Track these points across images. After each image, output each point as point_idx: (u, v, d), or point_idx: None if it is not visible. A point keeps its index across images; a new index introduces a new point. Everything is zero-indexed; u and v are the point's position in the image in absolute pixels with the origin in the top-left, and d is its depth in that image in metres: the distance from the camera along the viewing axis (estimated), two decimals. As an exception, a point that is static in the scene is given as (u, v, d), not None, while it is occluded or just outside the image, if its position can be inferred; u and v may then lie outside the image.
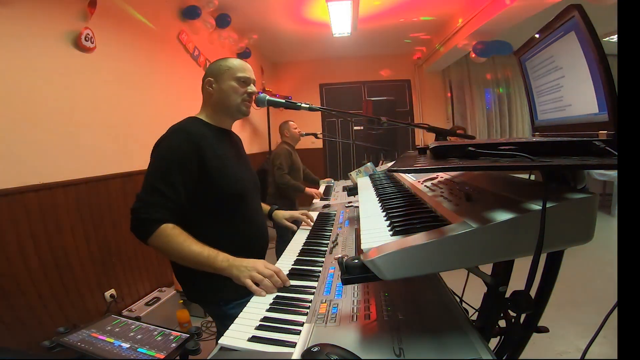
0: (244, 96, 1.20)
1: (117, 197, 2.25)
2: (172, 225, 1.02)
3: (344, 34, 4.43)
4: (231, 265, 0.98)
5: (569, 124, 0.73)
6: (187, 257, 1.00)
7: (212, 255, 1.00)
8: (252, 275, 0.93)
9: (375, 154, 3.14)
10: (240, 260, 0.99)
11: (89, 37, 2.05)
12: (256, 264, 0.96)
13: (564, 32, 0.66)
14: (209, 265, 0.99)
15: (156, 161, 1.08)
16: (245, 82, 1.20)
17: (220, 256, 1.00)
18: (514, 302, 0.65)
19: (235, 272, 0.96)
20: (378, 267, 0.54)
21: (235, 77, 1.18)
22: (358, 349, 0.58)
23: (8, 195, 1.60)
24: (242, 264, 0.97)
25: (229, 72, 1.18)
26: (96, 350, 1.11)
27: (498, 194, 0.64)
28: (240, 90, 1.19)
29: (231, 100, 1.19)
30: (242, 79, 1.19)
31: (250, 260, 0.99)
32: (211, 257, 0.99)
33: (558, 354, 1.90)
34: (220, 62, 1.22)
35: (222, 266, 0.98)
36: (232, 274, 0.97)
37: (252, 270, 0.94)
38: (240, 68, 1.20)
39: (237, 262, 0.99)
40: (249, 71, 1.22)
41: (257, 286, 0.90)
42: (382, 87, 6.13)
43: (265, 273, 0.92)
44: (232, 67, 1.19)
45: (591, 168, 0.51)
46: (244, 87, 1.20)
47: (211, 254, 1.00)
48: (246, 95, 1.20)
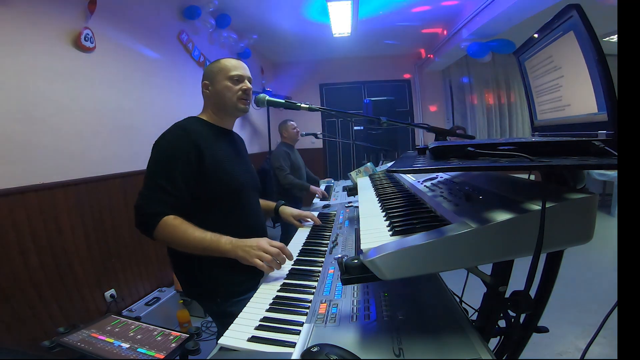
0: (238, 94, 1.21)
1: (117, 197, 2.25)
2: (173, 217, 1.04)
3: (344, 34, 4.43)
4: (235, 247, 1.00)
5: (568, 123, 0.73)
6: (192, 243, 1.02)
7: (214, 239, 1.02)
8: (260, 255, 0.96)
9: (375, 154, 3.14)
10: (243, 240, 1.01)
11: (89, 37, 2.05)
12: (260, 242, 0.99)
13: (562, 32, 0.66)
14: (212, 248, 1.01)
15: (156, 157, 1.09)
16: (239, 80, 1.21)
17: (223, 239, 1.02)
18: (514, 302, 0.65)
19: (240, 253, 0.99)
20: (378, 267, 0.54)
21: (227, 76, 1.19)
22: (358, 349, 0.58)
23: (8, 195, 1.61)
24: (246, 244, 1.00)
25: (222, 73, 1.20)
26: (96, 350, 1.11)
27: (498, 194, 0.64)
28: (234, 88, 1.20)
29: (227, 99, 1.20)
30: (235, 77, 1.20)
31: (254, 240, 1.01)
32: (214, 241, 1.02)
33: (558, 354, 1.90)
34: (213, 64, 1.23)
35: (226, 248, 1.01)
36: (237, 255, 0.99)
37: (257, 249, 0.97)
38: (231, 67, 1.20)
39: (240, 242, 1.01)
40: (242, 68, 1.22)
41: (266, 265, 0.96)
42: (382, 87, 6.12)
43: (272, 251, 0.97)
44: (224, 67, 1.20)
45: (591, 168, 0.51)
46: (238, 85, 1.20)
47: (214, 237, 1.02)
48: (241, 92, 1.21)
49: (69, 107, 1.95)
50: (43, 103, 1.80)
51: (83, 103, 2.04)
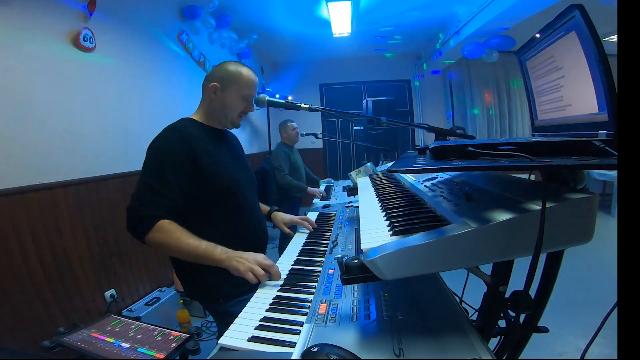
0: (241, 113, 1.21)
1: (117, 197, 2.25)
2: (168, 221, 1.02)
3: (344, 34, 4.43)
4: (230, 257, 0.98)
5: (568, 123, 0.73)
6: (185, 251, 1.00)
7: (209, 247, 1.00)
8: (253, 269, 0.94)
9: (375, 154, 3.14)
10: (239, 252, 1.00)
11: (88, 37, 2.05)
12: (257, 257, 0.97)
13: (564, 32, 0.66)
14: (207, 257, 1.00)
15: (149, 160, 1.09)
16: (248, 100, 1.21)
17: (218, 248, 1.01)
18: (514, 302, 0.65)
19: (234, 263, 0.97)
20: (378, 267, 0.54)
21: (242, 93, 1.18)
22: (358, 349, 0.58)
23: (8, 195, 1.60)
24: (242, 257, 0.98)
25: (238, 87, 1.17)
26: (96, 350, 1.11)
27: (498, 194, 0.64)
28: (241, 107, 1.20)
29: (230, 114, 1.20)
30: (248, 97, 1.20)
31: (250, 253, 1.00)
32: (209, 250, 1.00)
33: (558, 354, 1.90)
34: (230, 69, 1.18)
35: (221, 258, 0.99)
36: (231, 264, 0.97)
37: (252, 262, 0.95)
38: (250, 85, 1.19)
39: (236, 254, 0.99)
40: (255, 86, 1.21)
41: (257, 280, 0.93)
42: (382, 87, 6.12)
43: (267, 264, 0.95)
44: (243, 81, 1.18)
45: (591, 168, 0.51)
46: (245, 104, 1.21)
47: (209, 246, 1.01)
48: (242, 113, 1.22)
49: (69, 107, 1.95)
50: (43, 103, 1.80)
51: (83, 103, 2.04)
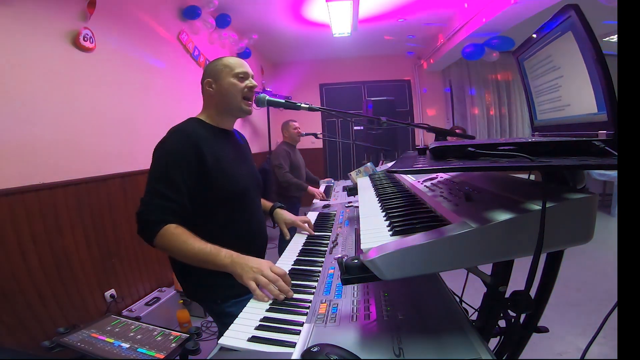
0: (244, 91, 1.20)
1: (117, 197, 2.25)
2: (174, 225, 1.02)
3: (344, 34, 4.44)
4: (234, 263, 0.95)
5: (568, 123, 0.73)
6: (190, 254, 1.00)
7: (214, 251, 0.98)
8: (257, 278, 0.88)
9: (375, 154, 3.14)
10: (245, 258, 0.95)
11: (88, 36, 2.05)
12: (261, 266, 0.91)
13: (561, 32, 0.66)
14: (211, 261, 0.98)
15: (156, 163, 1.08)
16: (244, 77, 1.20)
17: (222, 252, 0.98)
18: (514, 302, 0.65)
19: (238, 270, 0.92)
20: (378, 267, 0.54)
21: (233, 73, 1.19)
22: (358, 349, 0.58)
23: (8, 195, 1.60)
24: (247, 263, 0.93)
25: (227, 70, 1.19)
26: (96, 351, 1.11)
27: (498, 194, 0.64)
28: (240, 85, 1.19)
29: (233, 97, 1.19)
30: (241, 75, 1.19)
31: (256, 260, 0.94)
32: (213, 254, 0.98)
33: (558, 354, 1.90)
34: (217, 62, 1.22)
35: (225, 262, 0.96)
36: (235, 271, 0.93)
37: (257, 272, 0.89)
38: (237, 64, 1.20)
39: (241, 259, 0.95)
40: (246, 66, 1.22)
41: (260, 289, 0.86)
42: (382, 87, 6.13)
43: (271, 277, 0.87)
44: (229, 64, 1.20)
45: (591, 168, 0.51)
46: (244, 82, 1.20)
47: (213, 250, 0.99)
48: (247, 89, 1.20)
49: (69, 107, 1.95)
50: (43, 103, 1.80)
51: (83, 102, 2.04)
